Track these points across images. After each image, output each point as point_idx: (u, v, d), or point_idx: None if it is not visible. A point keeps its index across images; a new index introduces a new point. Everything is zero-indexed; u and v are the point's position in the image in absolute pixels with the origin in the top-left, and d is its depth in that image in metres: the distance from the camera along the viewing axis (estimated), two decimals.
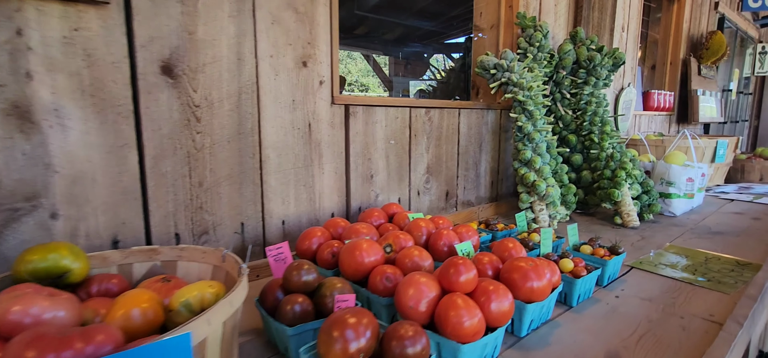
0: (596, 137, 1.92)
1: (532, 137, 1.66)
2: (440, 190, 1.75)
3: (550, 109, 2.10)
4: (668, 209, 1.97)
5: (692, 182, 1.96)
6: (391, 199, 1.56)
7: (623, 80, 2.97)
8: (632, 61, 3.05)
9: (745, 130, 6.62)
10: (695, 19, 3.96)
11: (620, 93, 2.91)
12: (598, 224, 1.82)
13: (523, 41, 1.92)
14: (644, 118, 3.40)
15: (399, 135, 1.55)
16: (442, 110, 1.70)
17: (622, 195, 1.78)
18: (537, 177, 1.65)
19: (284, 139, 1.24)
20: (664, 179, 1.97)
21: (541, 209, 1.66)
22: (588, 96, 1.97)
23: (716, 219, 1.92)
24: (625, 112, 3.00)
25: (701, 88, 3.92)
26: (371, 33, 6.78)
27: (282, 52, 1.21)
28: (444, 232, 1.09)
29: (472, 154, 1.87)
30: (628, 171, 1.79)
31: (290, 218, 1.29)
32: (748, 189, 2.59)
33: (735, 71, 5.37)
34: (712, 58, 3.89)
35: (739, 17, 5.05)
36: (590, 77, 1.97)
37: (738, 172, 2.89)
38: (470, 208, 1.89)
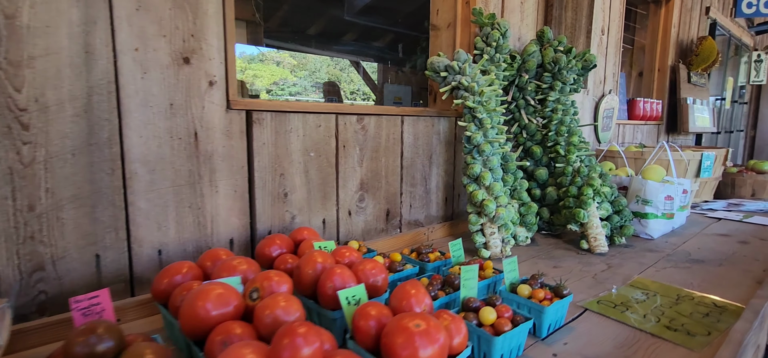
0: (562, 149, 1.70)
1: (481, 149, 1.44)
2: (378, 209, 1.52)
3: (513, 116, 1.88)
4: (644, 230, 1.74)
5: (671, 200, 1.73)
6: (312, 221, 1.34)
7: (604, 87, 2.76)
8: (614, 67, 2.84)
9: (741, 141, 6.41)
10: (684, 24, 3.76)
11: (600, 101, 2.69)
12: (562, 249, 1.59)
13: (479, 41, 1.70)
14: (629, 128, 3.19)
15: (322, 146, 1.33)
16: (380, 117, 1.48)
17: (588, 216, 1.56)
18: (486, 195, 1.42)
19: (159, 151, 1.02)
20: (640, 196, 1.75)
21: (492, 232, 1.43)
22: (553, 102, 1.76)
23: (698, 242, 1.69)
24: (607, 122, 2.78)
25: (691, 96, 3.71)
26: (359, 39, 6.62)
27: (153, 46, 0.99)
28: (337, 271, 0.86)
29: (419, 168, 1.65)
30: (595, 188, 1.56)
31: (170, 246, 1.06)
32: (738, 206, 2.37)
33: (729, 79, 5.17)
34: (702, 65, 3.69)
35: (732, 24, 4.85)
36: (556, 82, 1.75)
37: (728, 187, 2.67)
38: (418, 229, 1.66)
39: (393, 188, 1.56)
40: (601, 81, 2.71)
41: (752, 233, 1.84)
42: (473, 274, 0.90)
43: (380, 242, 1.52)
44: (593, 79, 2.63)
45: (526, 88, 1.82)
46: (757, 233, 1.85)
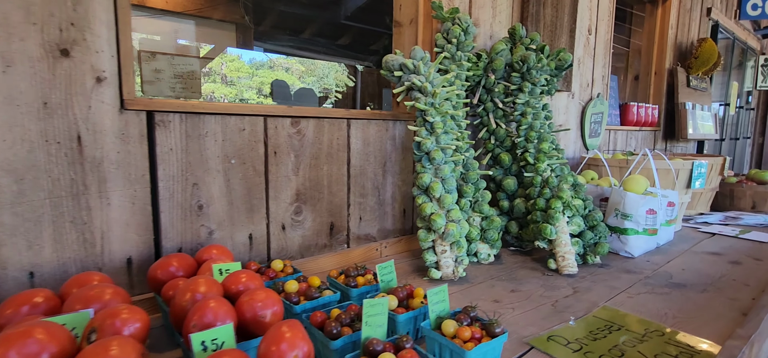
0: (531, 157, 1.53)
1: (432, 157, 1.28)
2: (320, 222, 1.37)
3: (482, 121, 1.72)
4: (624, 248, 1.57)
5: (654, 214, 1.55)
6: (236, 237, 1.19)
7: (592, 90, 2.58)
8: (603, 69, 2.67)
9: (748, 149, 6.17)
10: (683, 26, 3.57)
11: (588, 105, 2.52)
12: (527, 269, 1.43)
13: (439, 37, 1.55)
14: (621, 134, 3.00)
15: (247, 152, 1.18)
16: (321, 121, 1.33)
17: (556, 232, 1.39)
18: (436, 209, 1.26)
19: (29, 157, 0.88)
20: (619, 210, 1.57)
21: (443, 250, 1.27)
22: (523, 105, 1.59)
23: (684, 262, 1.52)
24: (595, 127, 2.60)
25: (691, 101, 3.52)
26: (354, 43, 6.51)
27: (19, 35, 0.85)
28: (210, 304, 0.70)
29: (371, 177, 1.49)
30: (565, 201, 1.39)
31: (46, 268, 0.92)
32: (736, 220, 2.18)
33: (733, 84, 4.95)
34: (702, 68, 3.49)
35: (736, 26, 4.65)
36: (525, 82, 1.59)
37: (727, 199, 2.47)
38: (370, 244, 1.50)
39: (338, 198, 1.41)
40: (588, 84, 2.54)
41: (747, 252, 1.65)
42: (379, 309, 0.74)
43: (323, 259, 1.37)
44: (579, 82, 2.46)
45: (493, 89, 1.66)
46: (752, 251, 1.66)
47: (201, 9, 5.61)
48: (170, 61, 5.52)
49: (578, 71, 2.43)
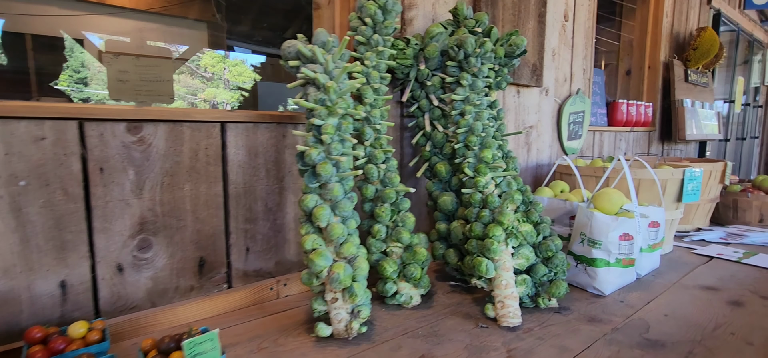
0: (470, 168, 1.20)
1: (318, 172, 0.95)
2: (182, 258, 1.04)
3: (417, 122, 1.39)
4: (592, 283, 1.23)
5: (630, 240, 1.21)
6: (37, 285, 0.86)
7: (570, 86, 2.24)
8: (584, 62, 2.32)
9: (756, 149, 5.77)
10: (680, 14, 3.22)
11: (565, 103, 2.18)
12: (459, 316, 1.09)
13: (353, 17, 1.22)
14: (609, 135, 2.65)
15: (52, 170, 0.86)
16: (177, 125, 1.01)
17: (494, 268, 1.05)
18: (318, 243, 0.93)
19: None
20: (585, 235, 1.23)
21: (334, 298, 0.94)
22: (461, 102, 1.26)
23: (669, 302, 1.17)
24: (574, 128, 2.26)
25: (689, 98, 3.16)
26: None
27: None
28: None
29: (261, 196, 1.16)
30: (507, 228, 1.06)
31: None
32: (739, 237, 1.82)
33: (739, 80, 4.57)
34: (702, 61, 3.13)
35: (741, 16, 4.27)
36: (463, 73, 1.25)
37: (730, 210, 2.12)
38: (263, 281, 1.17)
39: (210, 226, 1.08)
40: (566, 78, 2.20)
41: (751, 285, 1.30)
42: None
43: (188, 308, 1.04)
44: (555, 76, 2.12)
45: (426, 83, 1.33)
46: (758, 284, 1.31)
47: (168, 6, 5.33)
48: (136, 63, 5.24)
49: (553, 64, 2.10)
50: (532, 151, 2.05)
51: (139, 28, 5.19)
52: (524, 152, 2.00)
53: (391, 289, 1.10)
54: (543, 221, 1.20)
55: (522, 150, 1.99)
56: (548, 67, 2.06)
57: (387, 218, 1.11)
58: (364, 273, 0.94)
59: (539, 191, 1.62)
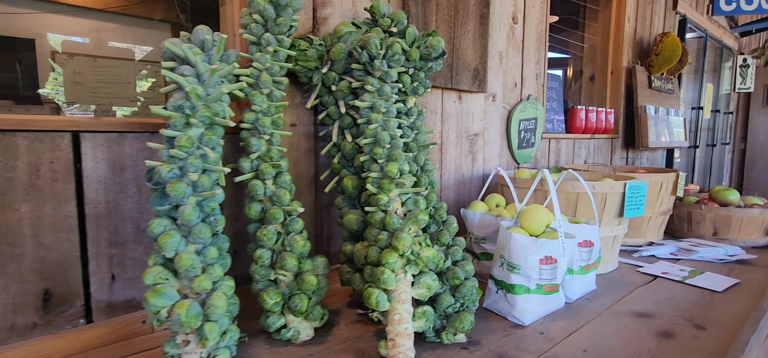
0: (373, 184, 1.06)
1: (168, 192, 0.80)
2: (19, 292, 0.88)
3: (328, 132, 1.26)
4: (512, 312, 1.10)
5: (553, 264, 1.09)
6: None
7: (521, 91, 2.13)
8: (537, 67, 2.22)
9: (727, 155, 5.78)
10: (643, 19, 3.15)
11: (514, 109, 2.07)
12: (351, 354, 0.95)
13: (245, 14, 1.08)
14: (567, 143, 2.55)
15: None
16: (10, 135, 0.85)
17: (387, 301, 0.92)
18: (166, 277, 0.79)
19: None
20: (505, 258, 1.11)
21: (185, 340, 0.80)
22: (368, 110, 1.12)
23: (595, 333, 1.05)
24: (526, 136, 2.15)
25: (653, 104, 3.09)
26: None
27: None
28: None
29: (131, 215, 1.01)
30: (402, 253, 0.93)
31: None
32: (690, 253, 1.72)
33: (708, 86, 4.55)
34: (665, 67, 3.07)
35: (709, 22, 4.25)
36: (368, 78, 1.12)
37: (684, 223, 2.03)
38: (133, 313, 1.02)
39: (59, 252, 0.93)
40: (515, 84, 2.09)
41: (689, 310, 1.19)
42: None
43: (32, 347, 0.89)
44: (503, 81, 2.01)
45: (334, 88, 1.19)
46: (696, 310, 1.20)
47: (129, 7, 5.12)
48: (92, 64, 5.00)
49: (500, 68, 1.98)
50: (478, 161, 1.94)
51: (98, 28, 4.96)
52: (469, 162, 1.88)
53: (275, 323, 0.96)
54: (455, 244, 1.07)
55: (466, 159, 1.87)
56: (495, 72, 1.95)
57: (272, 241, 0.97)
58: (220, 311, 0.80)
59: (472, 206, 1.49)
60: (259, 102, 1.03)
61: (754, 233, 1.88)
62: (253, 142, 1.01)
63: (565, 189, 1.44)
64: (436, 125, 1.71)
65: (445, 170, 1.78)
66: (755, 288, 1.36)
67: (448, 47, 1.64)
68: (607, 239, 1.48)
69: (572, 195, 1.44)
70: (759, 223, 1.86)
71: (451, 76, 1.68)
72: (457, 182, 1.84)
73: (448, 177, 1.79)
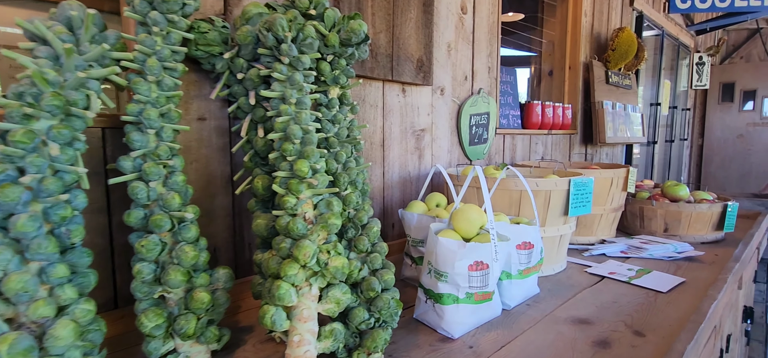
0: (281, 185, 0.94)
1: None
2: None
3: (240, 127, 1.12)
4: (440, 324, 1.00)
5: (484, 270, 0.99)
6: None
7: (472, 85, 2.05)
8: (489, 60, 2.14)
9: (686, 151, 5.93)
10: (600, 14, 3.14)
11: (464, 104, 1.98)
12: None
13: None
14: (523, 139, 2.49)
15: None
16: None
17: (286, 320, 0.79)
18: None
19: None
20: (432, 265, 1.00)
21: None
22: (278, 101, 1.00)
23: (526, 346, 0.96)
24: (478, 131, 2.07)
25: (610, 99, 3.08)
26: None
27: None
28: None
29: None
30: (305, 264, 0.81)
31: None
32: (640, 251, 1.67)
33: (665, 83, 4.63)
34: (622, 62, 3.06)
35: (666, 20, 4.31)
36: (277, 64, 0.99)
37: (637, 219, 1.99)
38: None
39: None
40: (466, 77, 2.00)
41: (630, 314, 1.12)
42: None
43: None
44: (452, 74, 1.92)
45: (240, 76, 1.06)
46: (637, 313, 1.13)
47: None
48: None
49: (449, 60, 1.89)
50: (426, 158, 1.83)
51: None
52: (415, 159, 1.78)
53: (159, 349, 0.82)
54: (374, 251, 0.95)
55: (412, 156, 1.76)
56: (442, 64, 1.85)
57: (154, 253, 0.83)
58: (64, 343, 0.65)
59: (411, 206, 1.39)
60: (143, 91, 0.89)
61: (703, 229, 1.85)
62: (135, 138, 0.87)
63: (507, 187, 1.35)
64: (376, 120, 1.60)
65: (388, 168, 1.67)
66: (699, 287, 1.31)
67: (387, 36, 1.53)
68: (552, 239, 1.40)
69: (515, 193, 1.36)
70: (707, 218, 1.84)
71: (392, 67, 1.57)
72: (402, 181, 1.73)
73: (392, 175, 1.68)
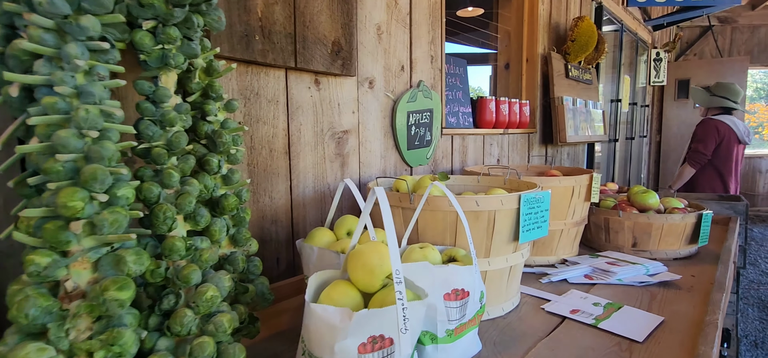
0: (36, 231, 0.56)
1: None
2: None
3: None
4: None
5: (388, 348, 0.65)
6: None
7: (410, 77, 1.71)
8: (432, 48, 1.82)
9: (645, 148, 5.89)
10: (559, 3, 2.89)
11: (401, 99, 1.64)
12: None
13: None
14: (475, 140, 2.19)
15: None
16: None
17: None
18: None
19: None
20: (305, 344, 0.65)
21: None
22: (46, 90, 0.61)
23: None
24: (420, 132, 1.74)
25: (571, 95, 2.84)
26: None
27: None
28: None
29: None
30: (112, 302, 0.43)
31: None
32: (607, 274, 1.39)
33: (625, 79, 4.50)
34: (582, 54, 2.83)
35: (625, 13, 4.17)
36: (33, 30, 0.61)
37: (602, 232, 1.72)
38: None
39: None
40: (402, 67, 1.66)
41: None
42: None
43: None
44: (384, 63, 1.58)
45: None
46: None
47: None
48: None
49: (379, 46, 1.55)
50: (351, 166, 1.48)
51: None
52: (336, 168, 1.43)
53: None
54: (207, 332, 0.59)
55: (332, 165, 1.41)
56: (371, 51, 1.50)
57: None
58: None
59: (313, 235, 1.03)
60: None
61: (676, 243, 1.60)
62: None
63: (439, 207, 1.02)
64: (278, 120, 1.23)
65: (298, 181, 1.30)
66: (683, 330, 1.02)
67: (285, 9, 1.16)
68: (499, 272, 1.08)
69: (451, 215, 1.02)
70: (680, 230, 1.58)
71: (296, 50, 1.21)
72: (318, 197, 1.37)
73: (304, 190, 1.32)
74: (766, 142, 10.59)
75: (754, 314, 3.29)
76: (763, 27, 6.82)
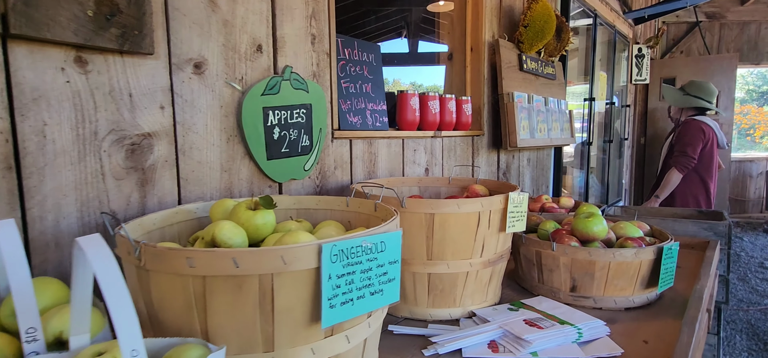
0: None
1: None
2: None
3: None
4: None
5: None
6: None
7: (274, 62, 1.27)
8: (311, 25, 1.37)
9: (627, 151, 5.47)
10: None
11: (251, 91, 1.20)
12: None
13: None
14: (391, 145, 1.75)
15: None
16: None
17: None
18: None
19: None
20: None
21: None
22: None
23: None
24: (293, 136, 1.29)
25: (526, 90, 2.41)
26: None
27: None
28: None
29: None
30: None
31: None
32: (520, 343, 0.96)
33: (601, 75, 4.08)
34: (538, 42, 2.40)
35: (601, 4, 3.75)
36: None
37: (534, 268, 1.29)
38: None
39: None
40: (258, 47, 1.22)
41: None
42: None
43: None
44: (224, 40, 1.13)
45: None
46: None
47: None
48: None
49: (212, 14, 1.10)
50: (164, 186, 1.04)
51: None
52: (130, 188, 0.98)
53: None
54: None
55: (124, 186, 0.96)
56: (197, 20, 1.06)
57: None
58: None
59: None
60: None
61: (627, 287, 1.17)
62: None
63: (179, 270, 0.58)
64: None
65: (42, 212, 0.86)
66: None
67: None
68: None
69: (196, 282, 0.58)
70: (633, 271, 1.15)
71: (7, 5, 0.76)
72: (91, 232, 0.92)
73: (54, 227, 0.87)
74: (758, 144, 10.25)
75: (742, 344, 2.87)
76: (752, 23, 6.46)
